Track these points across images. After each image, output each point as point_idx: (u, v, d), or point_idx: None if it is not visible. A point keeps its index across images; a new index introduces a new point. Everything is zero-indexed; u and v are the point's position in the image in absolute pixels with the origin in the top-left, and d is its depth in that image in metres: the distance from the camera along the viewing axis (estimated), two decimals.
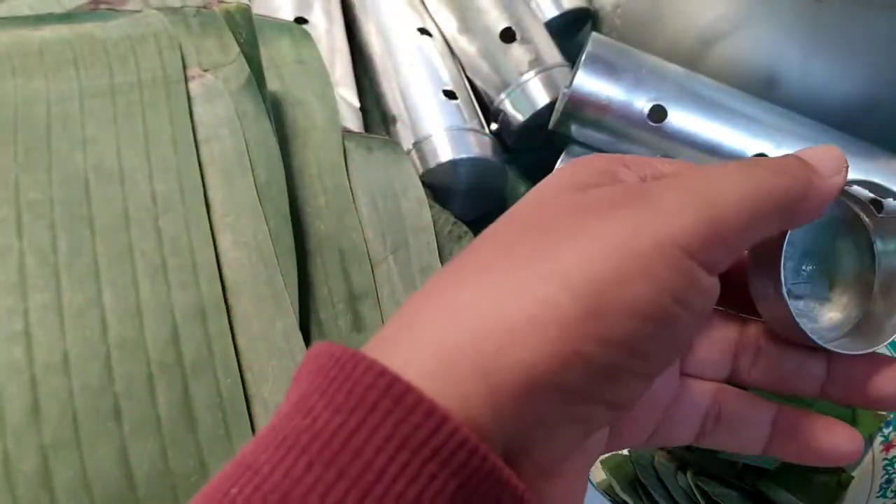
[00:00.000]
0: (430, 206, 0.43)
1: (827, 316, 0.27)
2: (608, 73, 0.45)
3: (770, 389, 0.27)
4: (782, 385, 0.27)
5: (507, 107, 0.50)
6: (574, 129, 0.47)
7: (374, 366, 0.18)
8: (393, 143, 0.45)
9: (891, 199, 0.26)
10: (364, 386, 0.18)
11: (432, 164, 0.46)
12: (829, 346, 0.25)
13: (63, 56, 0.35)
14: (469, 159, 0.47)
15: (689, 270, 0.20)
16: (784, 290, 0.24)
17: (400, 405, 0.17)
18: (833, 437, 0.26)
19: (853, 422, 0.35)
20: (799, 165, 0.23)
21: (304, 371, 0.20)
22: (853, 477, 0.35)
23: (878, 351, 0.26)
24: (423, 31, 0.52)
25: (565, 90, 0.47)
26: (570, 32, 0.57)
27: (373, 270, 0.40)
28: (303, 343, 0.34)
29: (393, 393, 0.18)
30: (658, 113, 0.45)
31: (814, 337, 0.24)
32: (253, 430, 0.32)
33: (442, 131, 0.47)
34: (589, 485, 0.30)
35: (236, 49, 0.38)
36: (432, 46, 0.51)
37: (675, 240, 0.20)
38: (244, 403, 0.32)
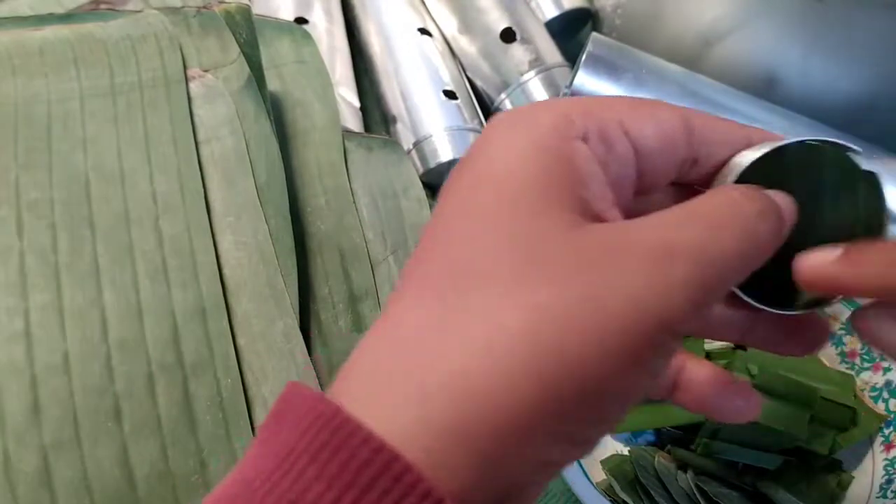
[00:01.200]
0: (431, 206, 0.43)
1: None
2: (608, 73, 0.45)
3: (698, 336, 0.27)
4: (708, 332, 0.26)
5: (508, 106, 0.50)
6: None
7: (370, 439, 0.17)
8: (393, 142, 0.45)
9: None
10: (360, 461, 0.17)
11: (432, 164, 0.46)
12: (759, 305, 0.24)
13: (63, 56, 0.35)
14: None
15: (664, 345, 0.19)
16: None
17: (399, 484, 0.17)
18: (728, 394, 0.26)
19: (853, 422, 0.35)
20: (772, 208, 0.22)
21: (285, 417, 0.19)
22: (853, 477, 0.35)
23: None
24: (423, 31, 0.52)
25: (566, 90, 0.47)
26: (570, 32, 0.57)
27: (373, 270, 0.40)
28: (303, 343, 0.34)
29: (392, 472, 0.17)
30: None
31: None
32: (253, 430, 0.32)
33: (442, 131, 0.47)
34: (589, 485, 0.30)
35: (236, 49, 0.38)
36: (433, 46, 0.51)
37: (664, 324, 0.19)
38: (244, 403, 0.32)
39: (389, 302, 0.21)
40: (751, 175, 0.24)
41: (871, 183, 0.25)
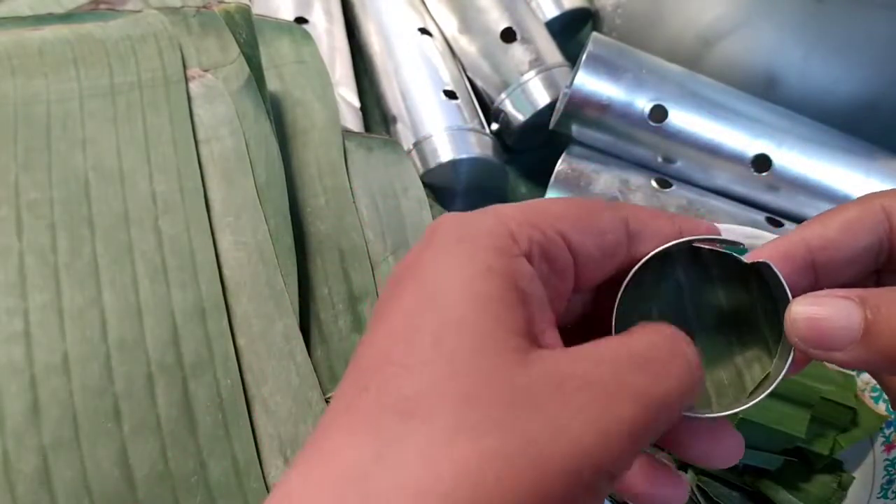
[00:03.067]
0: (431, 206, 0.43)
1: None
2: (609, 73, 0.45)
3: None
4: None
5: (508, 107, 0.50)
6: (575, 129, 0.47)
7: None
8: (393, 142, 0.45)
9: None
10: None
11: (433, 164, 0.46)
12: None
13: (63, 56, 0.35)
14: (469, 159, 0.47)
15: (600, 489, 0.19)
16: None
17: None
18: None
19: (853, 422, 0.35)
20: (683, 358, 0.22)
21: None
22: (854, 477, 0.35)
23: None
24: (423, 30, 0.52)
25: (566, 90, 0.47)
26: (570, 32, 0.57)
27: (373, 270, 0.40)
28: (303, 343, 0.34)
29: None
30: (658, 113, 0.45)
31: None
32: (253, 430, 0.32)
33: (442, 131, 0.47)
34: None
35: (236, 49, 0.38)
36: (433, 46, 0.51)
37: (603, 471, 0.19)
38: (244, 404, 0.32)
39: (320, 430, 0.20)
40: (642, 275, 0.24)
41: (765, 273, 0.25)
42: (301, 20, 0.51)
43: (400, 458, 0.18)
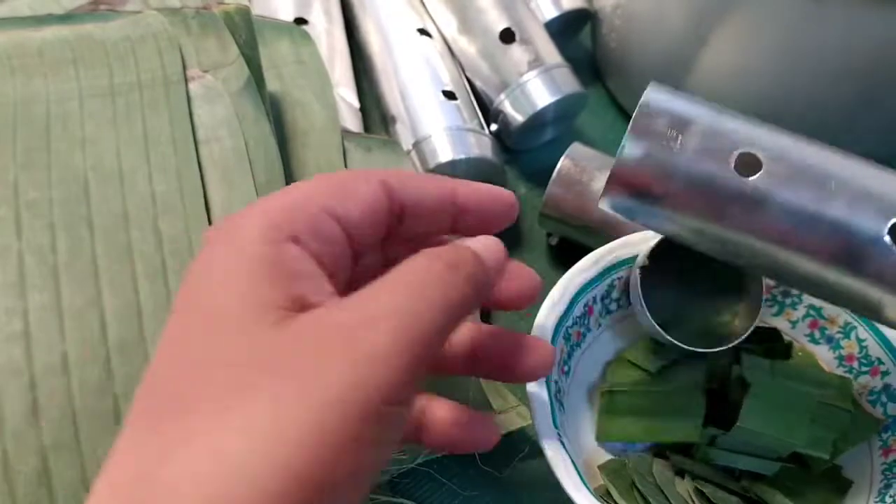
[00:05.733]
0: None
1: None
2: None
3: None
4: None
5: (507, 107, 0.50)
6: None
7: None
8: (393, 143, 0.45)
9: None
10: None
11: (432, 165, 0.46)
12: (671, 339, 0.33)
13: (63, 56, 0.35)
14: (469, 159, 0.47)
15: (388, 416, 0.20)
16: (643, 307, 0.34)
17: None
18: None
19: (851, 427, 0.35)
20: (475, 264, 0.24)
21: None
22: (852, 482, 0.35)
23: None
24: (422, 31, 0.52)
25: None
26: (569, 33, 0.57)
27: None
28: None
29: None
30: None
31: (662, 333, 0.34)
32: None
33: (442, 131, 0.47)
34: (586, 490, 0.30)
35: (236, 50, 0.38)
36: (432, 47, 0.51)
37: (379, 395, 0.20)
38: None
39: (118, 438, 0.21)
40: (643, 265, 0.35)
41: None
42: (300, 21, 0.51)
43: (184, 450, 0.19)
